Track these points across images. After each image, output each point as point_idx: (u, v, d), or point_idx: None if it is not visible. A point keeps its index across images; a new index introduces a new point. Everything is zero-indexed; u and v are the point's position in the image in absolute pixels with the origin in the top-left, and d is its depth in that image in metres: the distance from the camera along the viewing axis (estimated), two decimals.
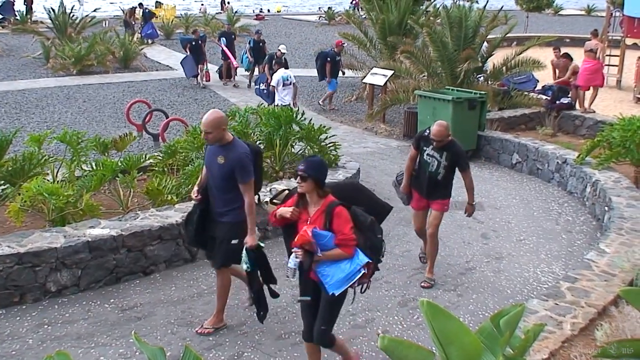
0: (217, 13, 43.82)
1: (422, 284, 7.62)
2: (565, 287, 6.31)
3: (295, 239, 5.02)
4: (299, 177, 5.06)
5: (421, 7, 22.50)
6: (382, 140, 15.49)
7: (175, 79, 22.37)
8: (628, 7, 21.01)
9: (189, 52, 21.11)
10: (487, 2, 17.90)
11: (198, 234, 6.35)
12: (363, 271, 5.07)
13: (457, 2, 35.68)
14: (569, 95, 15.63)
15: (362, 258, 5.04)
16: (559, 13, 50.23)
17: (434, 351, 3.22)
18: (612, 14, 25.89)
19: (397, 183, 8.07)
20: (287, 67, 16.90)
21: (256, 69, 21.30)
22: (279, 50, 17.85)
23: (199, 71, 21.31)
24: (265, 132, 10.57)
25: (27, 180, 8.43)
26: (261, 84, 16.87)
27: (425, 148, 7.60)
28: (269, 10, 53.51)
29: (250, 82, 21.26)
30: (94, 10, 31.88)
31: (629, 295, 3.90)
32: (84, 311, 6.71)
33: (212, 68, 22.81)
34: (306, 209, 5.18)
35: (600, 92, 16.36)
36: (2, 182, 8.78)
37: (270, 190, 9.01)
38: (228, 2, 50.92)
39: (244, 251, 5.95)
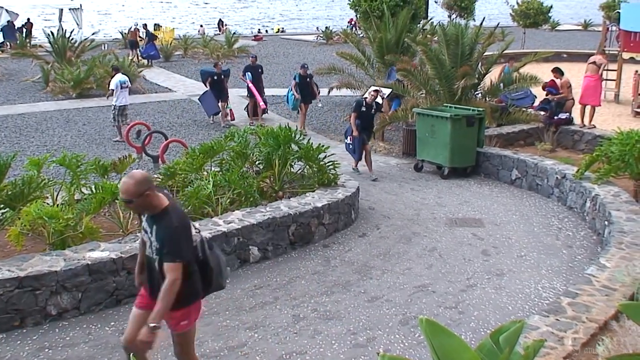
0: (215, 34, 44.05)
1: None
2: (566, 303, 6.30)
3: None
4: None
5: (418, 25, 22.66)
6: (381, 159, 15.52)
7: (174, 101, 22.47)
8: (624, 21, 21.17)
9: (209, 87, 18.80)
10: (484, 19, 18.02)
11: None
12: None
13: (454, 20, 35.99)
14: (565, 110, 15.69)
15: None
16: (556, 29, 50.49)
17: None
18: (608, 28, 26.07)
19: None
20: (380, 110, 14.69)
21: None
22: (371, 93, 14.31)
23: (221, 109, 18.89)
24: (264, 152, 10.60)
25: (27, 204, 8.44)
26: (349, 137, 14.03)
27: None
28: (267, 31, 53.82)
29: (304, 127, 17.78)
30: (93, 34, 32.11)
31: (628, 310, 3.89)
32: (85, 334, 6.69)
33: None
34: None
35: (596, 107, 16.42)
36: (2, 206, 8.79)
37: None
38: (225, 24, 51.26)
39: None
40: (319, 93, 18.87)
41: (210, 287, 5.13)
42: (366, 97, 14.26)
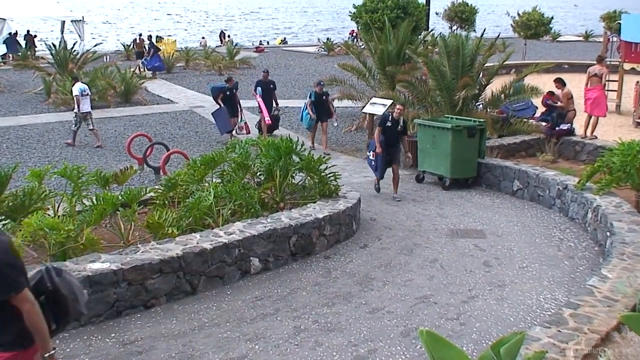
0: (217, 46, 44.17)
1: None
2: (568, 314, 6.27)
3: None
4: None
5: (419, 36, 22.72)
6: None
7: (176, 112, 22.48)
8: (625, 32, 21.23)
9: (222, 103, 18.22)
10: (485, 30, 18.06)
11: None
12: None
13: (455, 31, 36.10)
14: (566, 121, 15.70)
15: None
16: (557, 39, 50.62)
17: None
18: (609, 39, 26.17)
19: None
20: (405, 133, 13.38)
21: (318, 126, 17.70)
22: (398, 108, 13.32)
23: (234, 125, 18.28)
24: (265, 163, 10.60)
25: (28, 215, 8.44)
26: (371, 152, 13.50)
27: None
28: (268, 43, 53.95)
29: (313, 142, 17.57)
30: (95, 46, 32.20)
31: (629, 321, 3.88)
32: (85, 346, 6.67)
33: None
34: None
35: (600, 117, 16.44)
36: (3, 217, 8.81)
37: None
38: (228, 36, 51.44)
39: None
40: (335, 111, 18.55)
41: (68, 316, 4.54)
42: (393, 112, 13.44)
